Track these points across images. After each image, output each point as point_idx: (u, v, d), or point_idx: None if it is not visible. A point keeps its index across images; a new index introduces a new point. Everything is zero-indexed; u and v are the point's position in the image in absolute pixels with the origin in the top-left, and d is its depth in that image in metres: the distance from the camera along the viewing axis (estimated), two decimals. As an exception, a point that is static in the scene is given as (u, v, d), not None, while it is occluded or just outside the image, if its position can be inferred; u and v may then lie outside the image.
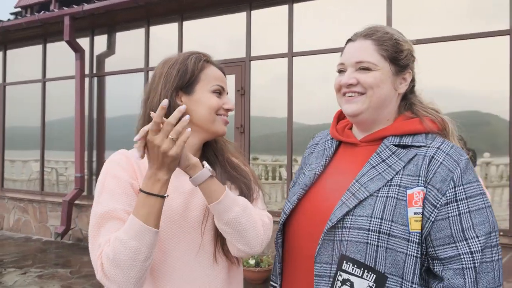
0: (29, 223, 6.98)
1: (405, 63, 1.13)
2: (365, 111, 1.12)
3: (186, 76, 1.18)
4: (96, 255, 1.04)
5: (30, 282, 4.63)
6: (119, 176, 1.13)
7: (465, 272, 0.97)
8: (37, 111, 7.45)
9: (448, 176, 1.00)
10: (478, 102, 4.41)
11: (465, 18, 4.41)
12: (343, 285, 1.01)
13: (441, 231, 0.99)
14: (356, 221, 1.02)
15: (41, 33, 7.25)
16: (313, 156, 1.27)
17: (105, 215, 1.07)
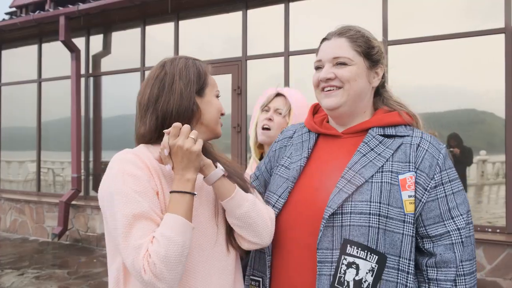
0: (25, 224, 6.96)
1: (377, 58, 1.23)
2: (344, 104, 1.20)
3: (201, 79, 1.24)
4: (138, 257, 1.01)
5: (27, 283, 4.62)
6: (137, 175, 1.10)
7: (455, 247, 1.09)
8: (33, 112, 7.42)
9: (433, 162, 1.13)
10: (474, 100, 4.43)
11: (461, 16, 4.42)
12: (349, 268, 1.07)
13: (431, 211, 1.11)
14: (356, 206, 1.10)
15: (36, 33, 7.22)
16: (292, 148, 1.32)
17: (137, 215, 1.04)
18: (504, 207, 4.09)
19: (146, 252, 1.01)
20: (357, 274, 1.07)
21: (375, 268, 1.06)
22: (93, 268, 5.13)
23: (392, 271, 1.08)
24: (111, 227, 1.08)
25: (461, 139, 4.39)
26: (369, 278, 1.06)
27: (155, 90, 1.21)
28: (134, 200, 1.06)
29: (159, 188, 1.13)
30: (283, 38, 5.29)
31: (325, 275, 1.09)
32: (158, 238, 1.02)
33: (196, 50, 5.98)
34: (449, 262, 1.09)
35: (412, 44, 4.51)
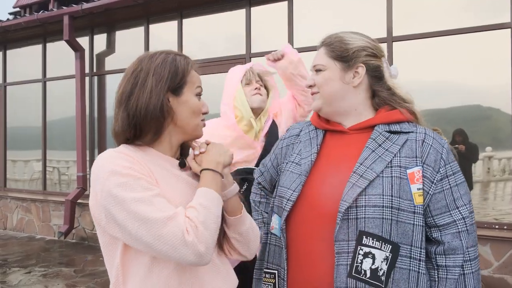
0: (32, 223, 7.01)
1: (352, 58, 1.28)
2: (322, 106, 1.32)
3: (177, 78, 1.17)
4: (178, 220, 1.00)
5: (35, 281, 4.66)
6: (126, 166, 1.06)
7: (461, 235, 1.19)
8: (38, 111, 7.45)
9: (438, 156, 1.21)
10: (479, 96, 4.40)
11: (466, 12, 4.39)
12: (366, 257, 1.15)
13: (438, 202, 1.20)
14: (370, 200, 1.17)
15: (40, 33, 7.24)
16: (300, 146, 1.37)
17: (153, 195, 1.03)
18: (510, 203, 4.07)
19: (189, 217, 1.03)
20: (373, 263, 1.14)
21: (389, 257, 1.15)
22: (100, 266, 5.15)
23: (405, 259, 1.16)
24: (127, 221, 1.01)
25: (467, 135, 4.36)
26: (384, 266, 1.14)
27: (129, 86, 1.16)
28: (140, 186, 1.03)
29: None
30: (287, 35, 5.27)
31: (343, 265, 1.16)
32: (196, 207, 1.05)
33: (200, 48, 5.98)
34: (457, 249, 1.18)
35: (417, 40, 4.48)
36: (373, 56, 1.31)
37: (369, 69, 1.30)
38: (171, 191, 1.13)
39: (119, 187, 1.03)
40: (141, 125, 1.14)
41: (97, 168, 1.10)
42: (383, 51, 1.36)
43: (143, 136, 1.16)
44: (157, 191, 1.06)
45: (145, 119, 1.13)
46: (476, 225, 1.25)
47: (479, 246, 3.79)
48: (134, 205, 1.01)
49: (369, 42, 1.32)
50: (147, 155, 1.17)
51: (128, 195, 1.02)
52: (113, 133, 1.20)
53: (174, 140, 1.21)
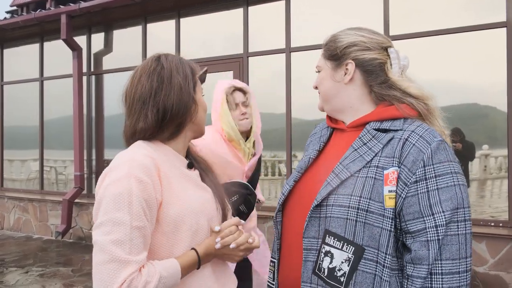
0: (29, 222, 6.99)
1: (341, 56, 1.27)
2: (323, 105, 1.35)
3: (194, 76, 1.26)
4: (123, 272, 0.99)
5: (32, 281, 4.65)
6: (145, 181, 1.08)
7: (429, 244, 1.07)
8: (35, 110, 7.43)
9: (419, 157, 1.10)
10: (476, 95, 4.42)
11: (462, 10, 4.41)
12: (326, 256, 1.14)
13: (411, 207, 1.10)
14: (338, 199, 1.15)
15: (38, 32, 7.22)
16: (312, 143, 1.42)
17: (140, 230, 1.05)
18: (507, 201, 4.09)
19: (134, 273, 1.01)
20: (331, 262, 1.13)
21: (352, 258, 1.11)
22: (97, 265, 5.14)
23: (370, 263, 1.11)
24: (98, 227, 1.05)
25: (464, 133, 4.39)
26: (345, 267, 1.12)
27: (154, 83, 1.19)
28: (140, 213, 1.05)
29: (164, 195, 1.13)
30: (284, 34, 5.28)
31: (310, 261, 1.18)
32: (157, 277, 1.04)
33: (198, 48, 5.98)
34: (423, 259, 1.07)
35: (413, 39, 4.50)
36: (367, 50, 1.25)
37: (359, 64, 1.25)
38: (182, 191, 1.18)
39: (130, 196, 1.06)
40: (170, 121, 1.19)
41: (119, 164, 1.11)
42: (386, 42, 1.28)
43: (164, 132, 1.22)
44: (143, 224, 1.05)
45: (175, 115, 1.19)
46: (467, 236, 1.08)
47: (474, 244, 3.86)
48: (109, 223, 1.03)
49: (364, 36, 1.27)
50: (163, 153, 1.21)
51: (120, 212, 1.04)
52: (138, 130, 1.20)
53: (188, 138, 1.29)
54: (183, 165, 1.26)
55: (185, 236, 1.16)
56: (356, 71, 1.26)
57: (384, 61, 1.25)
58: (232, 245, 1.21)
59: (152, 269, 1.05)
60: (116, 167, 1.10)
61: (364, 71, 1.26)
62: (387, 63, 1.25)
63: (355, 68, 1.26)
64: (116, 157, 1.15)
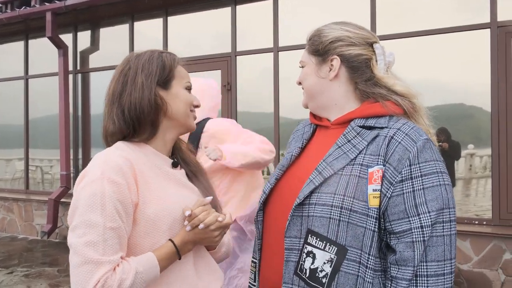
0: (14, 222, 6.89)
1: (325, 51, 1.23)
2: (307, 101, 1.31)
3: (165, 71, 1.24)
4: (97, 272, 1.00)
5: (17, 281, 4.58)
6: (118, 182, 1.08)
7: (415, 245, 1.04)
8: (20, 109, 7.32)
9: (405, 155, 1.07)
10: (462, 95, 4.48)
11: (447, 11, 4.45)
12: (307, 256, 1.11)
13: (396, 207, 1.07)
14: (321, 198, 1.11)
15: (22, 29, 7.11)
16: (294, 140, 1.38)
17: (114, 230, 1.05)
18: (491, 200, 4.16)
19: (109, 272, 1.01)
20: (312, 263, 1.10)
21: (334, 259, 1.08)
22: (84, 265, 5.09)
23: (353, 263, 1.08)
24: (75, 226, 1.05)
25: (450, 133, 4.44)
26: (327, 268, 1.08)
27: (119, 85, 1.21)
28: (114, 214, 1.05)
29: (140, 196, 1.12)
30: (272, 33, 5.28)
31: (292, 261, 1.14)
32: (133, 273, 1.05)
33: (185, 46, 5.95)
34: (408, 260, 1.04)
35: (400, 39, 4.54)
36: (352, 45, 1.22)
37: (345, 59, 1.21)
38: (161, 191, 1.17)
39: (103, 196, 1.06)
40: (138, 121, 1.19)
41: (93, 166, 1.12)
42: (371, 38, 1.24)
43: (140, 132, 1.22)
44: (117, 224, 1.05)
45: (141, 114, 1.18)
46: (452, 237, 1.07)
47: (459, 242, 3.90)
48: (82, 225, 1.04)
49: (349, 31, 1.23)
50: (143, 153, 1.21)
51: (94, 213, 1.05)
52: (107, 133, 1.22)
53: (168, 137, 1.27)
54: (167, 164, 1.25)
55: (165, 235, 1.15)
56: (341, 67, 1.22)
57: (370, 57, 1.22)
58: (201, 226, 1.16)
59: (127, 266, 1.05)
60: (90, 170, 1.11)
61: (349, 67, 1.22)
62: (373, 59, 1.22)
63: (340, 64, 1.21)
64: (92, 159, 1.16)
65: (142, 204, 1.12)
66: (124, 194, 1.07)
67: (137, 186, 1.12)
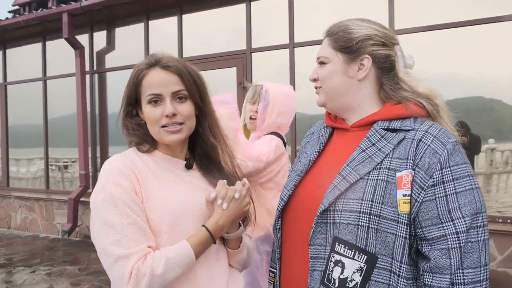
0: (36, 222, 7.03)
1: (356, 49, 1.17)
2: (326, 101, 1.22)
3: (132, 99, 1.24)
4: (128, 264, 1.04)
5: (39, 280, 4.67)
6: (123, 185, 1.12)
7: (451, 252, 1.00)
8: (39, 109, 7.44)
9: (435, 159, 1.03)
10: (482, 88, 4.37)
11: (467, 4, 4.35)
12: (336, 266, 1.06)
13: (428, 212, 1.03)
14: (347, 204, 1.07)
15: (40, 31, 7.21)
16: (309, 144, 1.33)
17: (133, 225, 1.09)
18: (514, 196, 4.06)
19: (146, 264, 1.05)
20: (342, 272, 1.06)
21: (364, 268, 1.04)
22: (104, 264, 5.17)
23: (384, 272, 1.04)
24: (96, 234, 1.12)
25: (469, 127, 4.34)
26: (357, 278, 1.04)
27: None
28: (125, 211, 1.09)
29: (143, 196, 1.15)
30: (288, 29, 5.24)
31: (318, 270, 1.10)
32: (164, 259, 1.08)
33: (200, 44, 5.95)
34: (444, 268, 1.00)
35: (418, 33, 4.45)
36: (382, 45, 1.18)
37: (376, 60, 1.17)
38: (164, 192, 1.18)
39: (111, 199, 1.10)
40: (135, 136, 1.26)
41: (104, 167, 1.19)
42: (395, 38, 1.21)
43: (143, 142, 1.26)
44: (133, 219, 1.10)
45: (133, 133, 1.25)
46: (486, 242, 1.03)
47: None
48: (103, 229, 1.09)
49: (378, 30, 1.19)
50: (152, 158, 1.24)
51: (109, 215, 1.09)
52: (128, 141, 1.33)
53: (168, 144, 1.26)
54: (179, 167, 1.26)
55: (167, 237, 1.15)
56: (371, 68, 1.17)
57: (395, 59, 1.20)
58: (237, 195, 1.18)
59: (158, 254, 1.08)
60: (98, 180, 1.17)
61: (379, 68, 1.18)
62: (396, 61, 1.20)
63: (371, 64, 1.17)
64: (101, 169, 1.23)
65: (145, 204, 1.15)
66: (129, 193, 1.12)
67: (140, 185, 1.15)
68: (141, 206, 1.13)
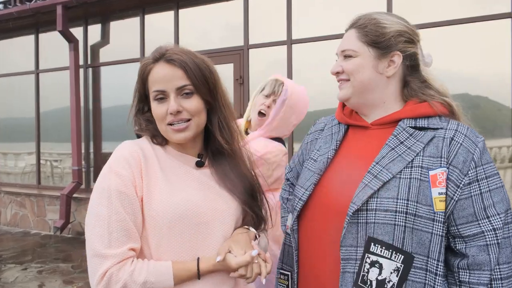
0: (26, 218, 6.90)
1: (388, 45, 1.14)
2: (352, 96, 1.18)
3: (143, 95, 1.20)
4: (103, 265, 1.03)
5: (31, 277, 4.58)
6: (123, 175, 1.09)
7: (489, 248, 1.02)
8: (31, 103, 7.31)
9: (468, 157, 1.05)
10: (467, 85, 4.36)
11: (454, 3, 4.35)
12: (372, 267, 1.04)
13: (464, 210, 1.04)
14: (382, 203, 1.05)
15: (33, 23, 7.06)
16: (321, 141, 1.29)
17: (119, 223, 1.06)
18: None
19: (120, 274, 1.03)
20: (380, 273, 1.03)
21: (401, 268, 1.02)
22: (97, 261, 5.08)
23: (420, 271, 1.03)
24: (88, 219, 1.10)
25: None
26: (393, 278, 1.03)
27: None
28: (117, 205, 1.06)
29: (144, 190, 1.11)
30: (286, 26, 5.19)
31: (349, 272, 1.07)
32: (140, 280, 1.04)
33: (197, 39, 5.87)
34: (483, 264, 1.02)
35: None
36: (411, 42, 1.17)
37: (405, 57, 1.16)
38: (168, 188, 1.13)
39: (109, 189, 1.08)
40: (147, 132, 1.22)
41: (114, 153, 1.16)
42: (419, 35, 1.20)
43: (155, 137, 1.22)
44: (122, 216, 1.06)
45: (145, 129, 1.21)
46: None
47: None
48: (93, 218, 1.08)
49: (407, 26, 1.17)
50: (165, 151, 1.20)
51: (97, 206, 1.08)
52: None
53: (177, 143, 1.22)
54: (190, 164, 1.21)
55: (167, 236, 1.11)
56: (400, 65, 1.16)
57: (419, 57, 1.19)
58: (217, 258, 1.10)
59: (137, 274, 1.05)
60: (105, 164, 1.14)
61: (408, 65, 1.18)
62: (420, 59, 1.19)
63: (402, 61, 1.16)
64: None
65: (146, 199, 1.11)
66: (127, 186, 1.08)
67: (142, 179, 1.10)
68: (135, 203, 1.09)
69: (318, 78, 5.08)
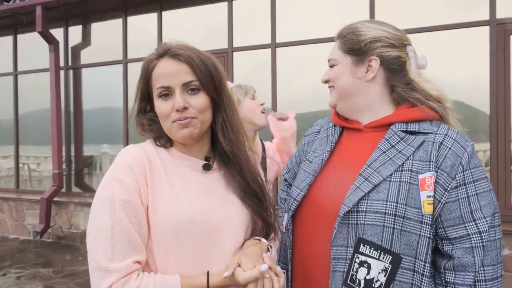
0: (4, 222, 6.73)
1: (364, 51, 1.18)
2: (337, 101, 1.25)
3: (145, 94, 1.16)
4: (107, 279, 0.99)
5: (11, 283, 4.47)
6: (127, 183, 1.03)
7: (474, 251, 1.05)
8: (9, 105, 7.14)
9: (456, 161, 1.07)
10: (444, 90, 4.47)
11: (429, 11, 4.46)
12: (361, 266, 1.07)
13: (451, 213, 1.07)
14: (372, 205, 1.07)
15: (11, 24, 6.90)
16: (317, 143, 1.32)
17: (123, 234, 1.01)
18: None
19: (121, 280, 0.99)
20: (368, 273, 1.07)
21: (389, 268, 1.06)
22: (79, 266, 5.00)
23: (407, 272, 1.07)
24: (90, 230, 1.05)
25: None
26: (381, 278, 1.06)
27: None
28: (121, 214, 1.02)
29: (150, 198, 1.06)
30: (270, 29, 5.22)
31: (339, 271, 1.10)
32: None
33: (166, 42, 5.84)
34: (468, 266, 1.05)
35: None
36: (391, 47, 1.19)
37: (384, 61, 1.18)
38: (174, 195, 1.08)
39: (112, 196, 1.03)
40: (151, 133, 1.17)
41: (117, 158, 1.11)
42: (406, 39, 1.23)
43: (160, 138, 1.17)
44: (126, 227, 1.02)
45: (148, 129, 1.17)
46: (501, 240, 1.10)
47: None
48: (95, 229, 1.03)
49: (387, 31, 1.20)
50: (170, 154, 1.16)
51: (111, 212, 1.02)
52: None
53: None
54: (196, 167, 1.15)
55: (173, 247, 1.06)
56: (380, 69, 1.19)
57: (405, 60, 1.21)
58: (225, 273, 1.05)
59: (144, 283, 1.01)
60: (108, 169, 1.09)
61: (388, 69, 1.20)
62: (407, 62, 1.21)
63: (379, 65, 1.19)
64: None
65: (151, 207, 1.05)
66: (132, 194, 1.03)
67: (147, 186, 1.06)
68: (140, 212, 1.04)
69: (301, 81, 5.14)
